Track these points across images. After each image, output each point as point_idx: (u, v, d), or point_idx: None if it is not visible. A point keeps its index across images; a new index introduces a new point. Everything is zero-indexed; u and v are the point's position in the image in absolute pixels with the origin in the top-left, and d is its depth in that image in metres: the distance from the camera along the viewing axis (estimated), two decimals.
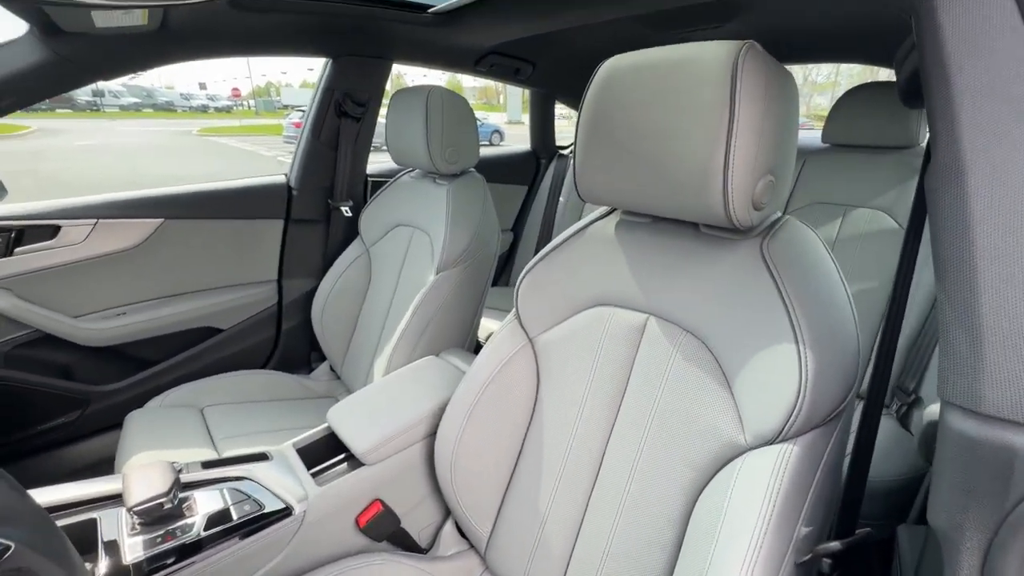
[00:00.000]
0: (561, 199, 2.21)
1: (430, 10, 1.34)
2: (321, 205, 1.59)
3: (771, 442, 0.56)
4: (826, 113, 1.51)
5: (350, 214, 1.60)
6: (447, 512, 0.97)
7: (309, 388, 1.48)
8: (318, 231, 1.61)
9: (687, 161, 0.57)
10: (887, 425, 1.19)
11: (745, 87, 0.53)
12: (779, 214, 0.66)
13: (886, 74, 1.72)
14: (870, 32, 1.29)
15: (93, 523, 0.71)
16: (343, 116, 1.52)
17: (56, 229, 1.23)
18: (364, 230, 1.49)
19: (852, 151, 1.46)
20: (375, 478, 0.87)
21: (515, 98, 25.97)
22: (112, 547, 0.68)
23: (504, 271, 2.38)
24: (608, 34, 1.43)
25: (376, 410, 0.94)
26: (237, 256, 1.50)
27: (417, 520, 0.93)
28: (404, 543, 0.92)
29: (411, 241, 1.35)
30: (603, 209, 0.80)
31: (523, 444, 0.82)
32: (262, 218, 1.51)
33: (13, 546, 0.41)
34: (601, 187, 0.68)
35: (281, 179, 1.56)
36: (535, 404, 0.81)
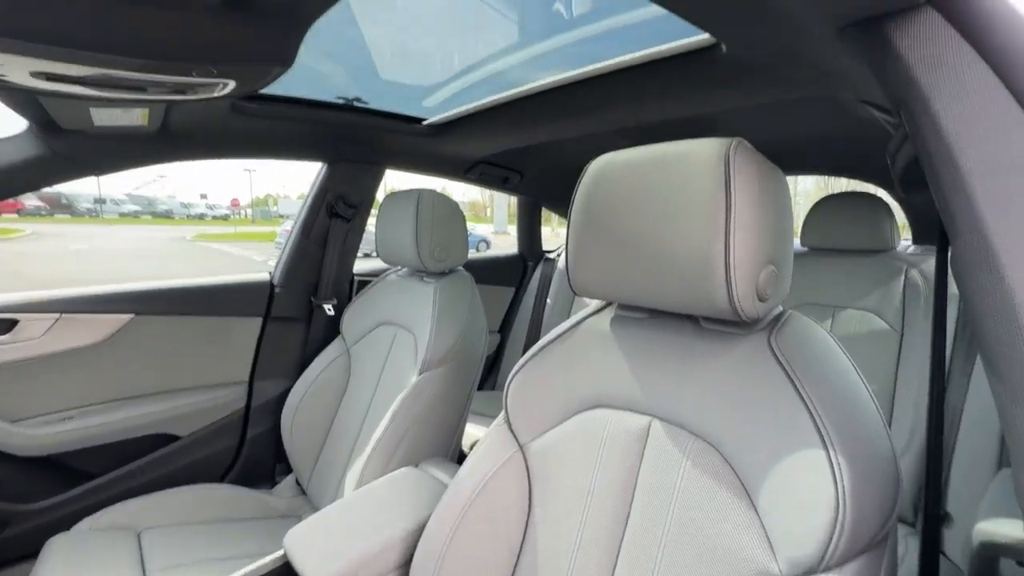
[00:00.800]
0: (549, 301, 2.21)
1: (424, 122, 1.43)
2: (304, 303, 1.55)
3: (812, 572, 0.47)
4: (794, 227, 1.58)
5: (332, 312, 1.55)
6: None
7: (270, 506, 1.31)
8: (298, 330, 1.55)
9: (686, 253, 0.55)
10: (915, 548, 1.06)
11: (739, 179, 0.52)
12: (781, 308, 0.63)
13: (842, 185, 1.84)
14: (845, 146, 1.39)
15: None
16: (334, 216, 1.54)
17: (13, 323, 1.15)
18: (346, 329, 1.43)
19: (832, 254, 1.50)
20: None
21: (501, 211, 27.60)
22: None
23: (491, 374, 2.29)
24: (590, 146, 1.52)
25: (342, 533, 0.81)
26: (208, 355, 1.41)
27: None
28: None
29: (394, 340, 1.29)
30: (596, 304, 0.77)
31: (515, 572, 0.69)
32: (240, 315, 1.45)
33: None
34: (595, 280, 0.65)
35: (264, 277, 1.53)
36: (528, 522, 0.70)
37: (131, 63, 0.53)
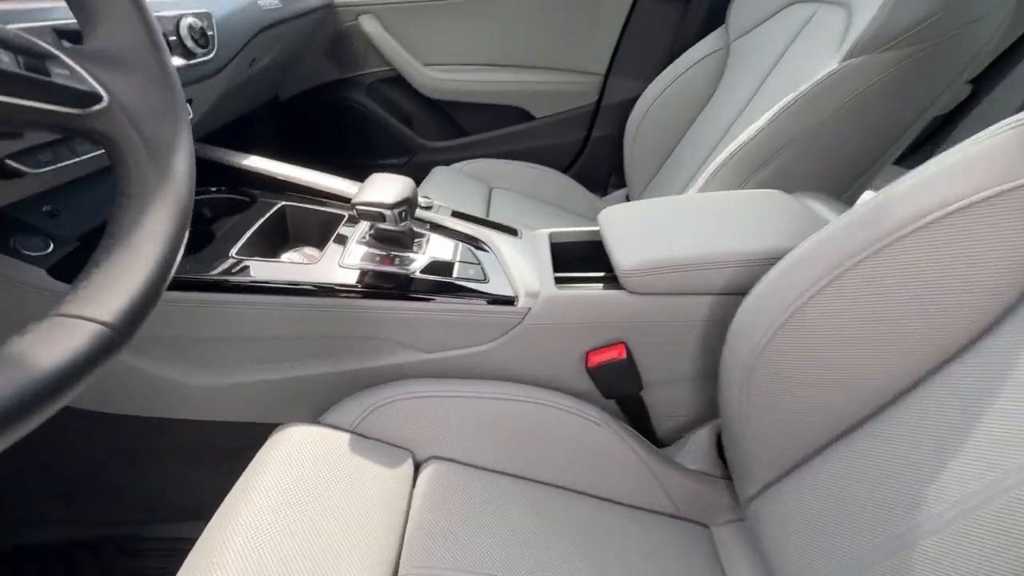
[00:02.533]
0: None
1: None
2: None
3: None
4: None
5: None
6: (708, 417, 0.64)
7: (596, 208, 1.26)
8: (672, 14, 1.22)
9: None
10: None
11: None
12: None
13: None
14: None
15: (339, 218, 0.67)
16: None
17: None
18: (735, 15, 1.04)
19: None
20: (631, 314, 0.58)
21: None
22: (340, 243, 0.63)
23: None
24: None
25: (664, 228, 0.61)
26: (570, 33, 1.28)
27: (664, 401, 0.63)
28: (636, 419, 0.64)
29: (809, 22, 0.85)
30: None
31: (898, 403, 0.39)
32: None
33: (107, 101, 0.29)
34: None
35: None
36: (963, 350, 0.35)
37: None
